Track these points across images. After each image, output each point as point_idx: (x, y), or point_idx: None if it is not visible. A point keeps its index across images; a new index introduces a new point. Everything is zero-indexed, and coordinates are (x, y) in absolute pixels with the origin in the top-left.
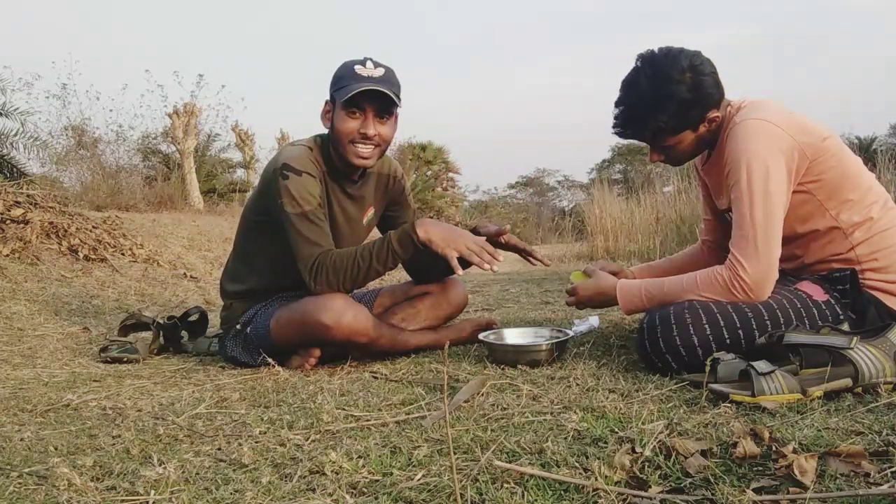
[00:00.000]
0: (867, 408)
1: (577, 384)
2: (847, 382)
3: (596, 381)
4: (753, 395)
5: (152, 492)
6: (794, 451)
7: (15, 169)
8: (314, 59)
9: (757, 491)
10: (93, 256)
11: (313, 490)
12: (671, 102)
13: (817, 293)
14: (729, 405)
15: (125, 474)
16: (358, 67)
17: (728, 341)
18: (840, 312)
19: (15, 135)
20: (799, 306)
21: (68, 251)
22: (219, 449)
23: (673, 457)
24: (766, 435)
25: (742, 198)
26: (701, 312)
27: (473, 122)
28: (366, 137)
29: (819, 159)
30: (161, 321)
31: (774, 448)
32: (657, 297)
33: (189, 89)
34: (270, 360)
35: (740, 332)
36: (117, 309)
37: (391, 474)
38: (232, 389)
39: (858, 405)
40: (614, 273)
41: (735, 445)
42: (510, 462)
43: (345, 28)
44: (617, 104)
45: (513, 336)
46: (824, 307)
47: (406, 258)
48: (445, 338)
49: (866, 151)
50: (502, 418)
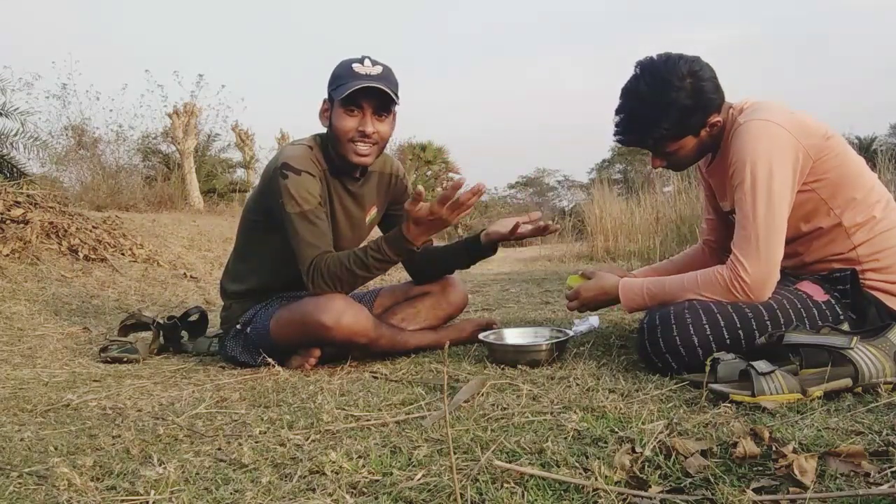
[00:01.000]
0: (867, 408)
1: (577, 384)
2: (847, 382)
3: (596, 381)
4: (753, 395)
5: (152, 492)
6: (794, 451)
7: (15, 169)
8: (314, 59)
9: (757, 491)
10: (93, 256)
11: (313, 490)
12: (672, 109)
13: (817, 293)
14: (729, 405)
15: (125, 474)
16: (356, 65)
17: (728, 341)
18: (840, 312)
19: (15, 135)
20: (799, 306)
21: (68, 251)
22: (219, 449)
23: (673, 457)
24: (766, 435)
25: (745, 198)
26: (701, 312)
27: (473, 122)
28: (364, 136)
29: (822, 159)
30: (161, 321)
31: (774, 448)
32: (658, 296)
33: (189, 89)
34: (270, 361)
35: (740, 332)
36: (117, 309)
37: (391, 474)
38: (232, 389)
39: (858, 405)
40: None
41: (735, 445)
42: (510, 462)
43: (345, 27)
44: (617, 112)
45: (513, 336)
46: (824, 307)
47: (400, 260)
48: (445, 338)
49: (866, 151)
50: (502, 418)
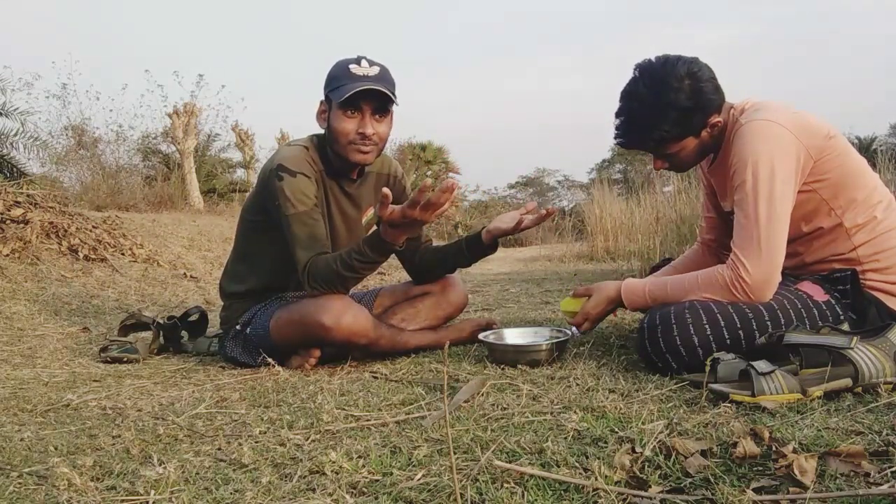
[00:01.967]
0: (867, 408)
1: (577, 384)
2: (847, 382)
3: (596, 381)
4: (753, 395)
5: (152, 492)
6: (794, 451)
7: (15, 169)
8: (314, 59)
9: (757, 491)
10: (93, 256)
11: (313, 490)
12: (672, 111)
13: (817, 293)
14: (729, 405)
15: (125, 474)
16: (353, 66)
17: (728, 341)
18: (840, 312)
19: (15, 135)
20: (799, 306)
21: (68, 251)
22: (219, 449)
23: (673, 457)
24: (766, 435)
25: (747, 199)
26: (701, 312)
27: (473, 122)
28: (364, 137)
29: (824, 158)
30: (161, 321)
31: (774, 448)
32: (660, 297)
33: (189, 89)
34: (270, 361)
35: (740, 332)
36: (117, 309)
37: (391, 474)
38: (232, 389)
39: (858, 405)
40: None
41: (735, 445)
42: (510, 462)
43: (345, 28)
44: (617, 115)
45: (513, 336)
46: (824, 307)
47: (384, 260)
48: (445, 338)
49: (866, 151)
50: (502, 418)
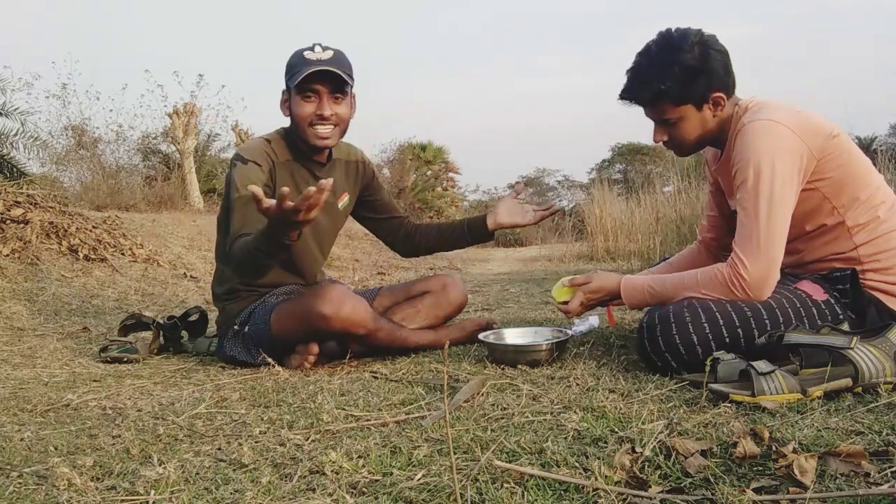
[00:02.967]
0: (867, 408)
1: (577, 384)
2: (847, 382)
3: (596, 381)
4: (753, 395)
5: (152, 492)
6: (794, 451)
7: (15, 169)
8: None
9: (757, 491)
10: (93, 256)
11: (313, 490)
12: (675, 66)
13: (817, 293)
14: (729, 405)
15: (125, 474)
16: (307, 53)
17: (727, 340)
18: (840, 312)
19: (15, 135)
20: (799, 306)
21: (68, 251)
22: (219, 449)
23: (673, 457)
24: (766, 435)
25: (748, 198)
26: (700, 311)
27: (474, 122)
28: (322, 118)
29: (827, 158)
30: (161, 321)
31: (774, 448)
32: (660, 294)
33: (189, 89)
34: (270, 360)
35: (739, 332)
36: (117, 309)
37: (391, 474)
38: (232, 389)
39: (858, 405)
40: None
41: (735, 445)
42: (510, 462)
43: (345, 28)
44: (627, 71)
45: (513, 336)
46: (824, 307)
47: (283, 254)
48: (446, 337)
49: (866, 151)
50: (502, 418)
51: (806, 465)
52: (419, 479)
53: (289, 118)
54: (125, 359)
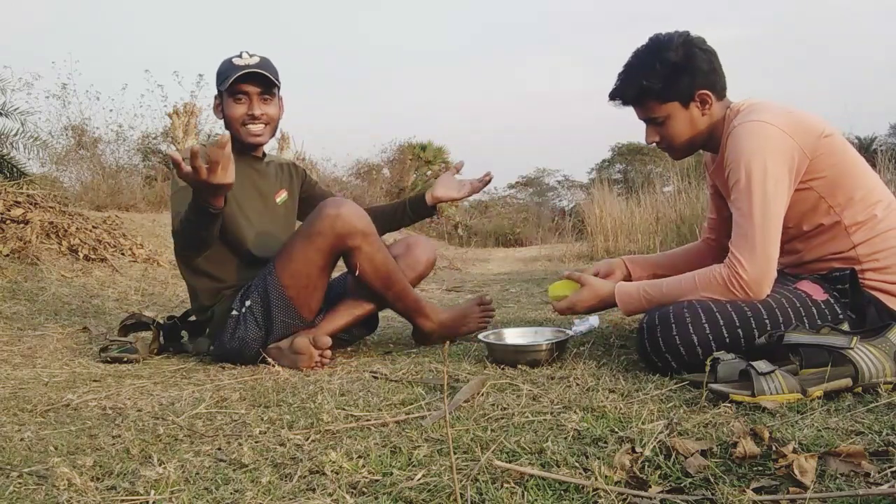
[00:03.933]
0: (867, 408)
1: (577, 384)
2: (847, 382)
3: (596, 381)
4: (753, 395)
5: (152, 492)
6: (794, 451)
7: (15, 169)
8: (314, 59)
9: (757, 491)
10: (93, 256)
11: (313, 490)
12: (658, 64)
13: (817, 293)
14: (729, 405)
15: (125, 474)
16: (235, 59)
17: (727, 340)
18: (840, 312)
19: (15, 135)
20: (798, 306)
21: (68, 251)
22: (219, 449)
23: (673, 457)
24: (766, 435)
25: (741, 198)
26: (700, 311)
27: (474, 122)
28: (253, 118)
29: (819, 157)
30: (161, 321)
31: (774, 448)
32: (656, 298)
33: (189, 89)
34: (270, 360)
35: (740, 332)
36: (117, 309)
37: (391, 474)
38: (232, 389)
39: (858, 405)
40: (608, 275)
41: (735, 445)
42: (510, 462)
43: (344, 27)
44: (618, 73)
45: (513, 336)
46: (824, 307)
47: (210, 221)
48: (449, 319)
49: (866, 151)
50: (502, 418)
51: (806, 465)
52: (419, 479)
53: (223, 121)
54: (125, 359)
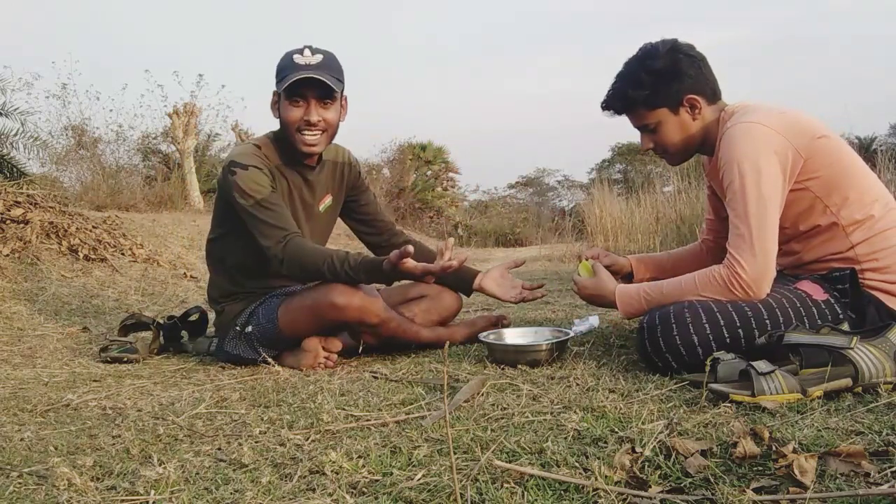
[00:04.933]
0: (867, 408)
1: (577, 384)
2: (847, 382)
3: (596, 381)
4: (753, 395)
5: (152, 492)
6: (794, 451)
7: (15, 169)
8: None
9: (757, 491)
10: (93, 256)
11: (313, 490)
12: (644, 72)
13: (817, 292)
14: (729, 405)
15: (125, 474)
16: (296, 56)
17: (728, 340)
18: (840, 312)
19: (15, 135)
20: (798, 306)
21: (68, 251)
22: (219, 449)
23: (673, 457)
24: (766, 435)
25: (736, 198)
26: (700, 311)
27: (473, 122)
28: (310, 124)
29: (813, 157)
30: (161, 321)
31: (774, 448)
32: (656, 300)
33: (189, 89)
34: (270, 360)
35: (740, 332)
36: (117, 309)
37: (391, 474)
38: (232, 389)
39: (858, 405)
40: (609, 267)
41: (735, 445)
42: (510, 462)
43: (344, 27)
44: (610, 84)
45: (513, 336)
46: (824, 307)
47: (375, 281)
48: (458, 333)
49: (866, 151)
50: (502, 418)
51: (806, 465)
52: (419, 479)
53: (278, 120)
54: (125, 359)
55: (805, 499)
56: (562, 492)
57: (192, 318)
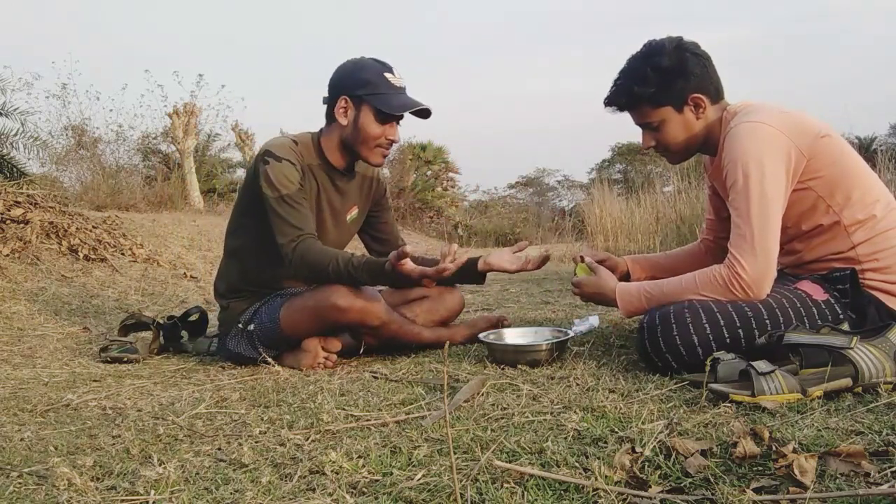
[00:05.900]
0: (867, 408)
1: (577, 384)
2: (847, 382)
3: (596, 381)
4: (753, 395)
5: (152, 492)
6: (794, 451)
7: (15, 169)
8: (314, 59)
9: (757, 491)
10: (93, 256)
11: (313, 490)
12: (649, 70)
13: (817, 293)
14: (729, 405)
15: (125, 474)
16: (388, 76)
17: (728, 340)
18: (840, 312)
19: (15, 135)
20: (799, 306)
21: (68, 251)
22: (219, 449)
23: (673, 457)
24: (766, 435)
25: (739, 198)
26: (701, 312)
27: (474, 122)
28: (392, 143)
29: (816, 157)
30: (161, 321)
31: (774, 448)
32: (656, 298)
33: (189, 89)
34: (270, 360)
35: (740, 332)
36: (117, 309)
37: (391, 474)
38: (232, 389)
39: (858, 405)
40: (603, 262)
41: (735, 445)
42: (510, 462)
43: (344, 27)
44: (613, 80)
45: (513, 336)
46: (824, 307)
47: (380, 283)
48: (458, 334)
49: (866, 151)
50: (502, 418)
51: (806, 465)
52: (419, 479)
53: (345, 127)
54: (125, 359)
55: (805, 499)
56: (562, 492)
57: (192, 318)
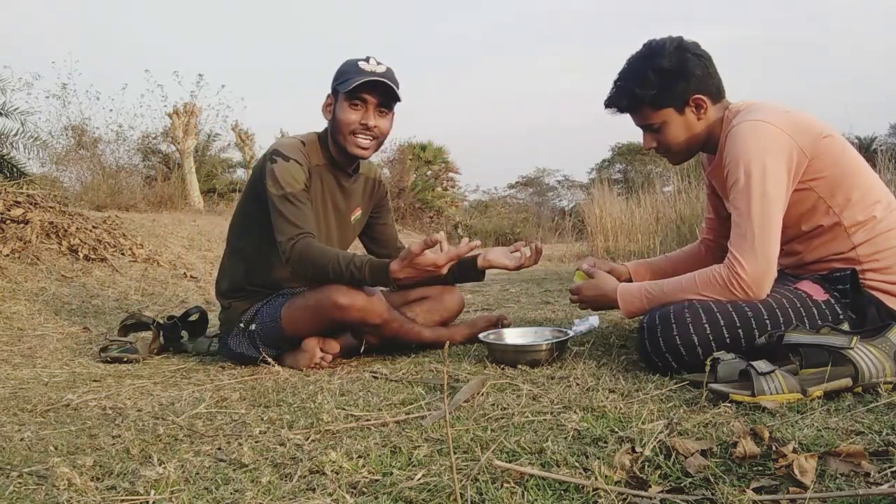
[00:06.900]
0: (867, 408)
1: (577, 384)
2: (847, 382)
3: (596, 381)
4: (753, 395)
5: (152, 492)
6: (794, 451)
7: (15, 169)
8: (314, 59)
9: (757, 491)
10: (93, 256)
11: (313, 490)
12: (650, 71)
13: (817, 293)
14: (729, 405)
15: (125, 474)
16: (361, 63)
17: (728, 340)
18: (840, 312)
19: (15, 135)
20: (799, 306)
21: (68, 251)
22: (219, 449)
23: (673, 457)
24: (766, 435)
25: (740, 198)
26: (701, 311)
27: (474, 122)
28: (366, 128)
29: (818, 157)
30: (161, 321)
31: (774, 448)
32: (657, 298)
33: (189, 89)
34: (270, 360)
35: (740, 332)
36: (117, 309)
37: (391, 474)
38: (232, 389)
39: (858, 405)
40: (608, 272)
41: (735, 445)
42: (510, 462)
43: (344, 28)
44: (613, 81)
45: (513, 336)
46: (824, 307)
47: (377, 284)
48: (458, 334)
49: (866, 151)
50: (502, 418)
51: (806, 465)
52: (419, 479)
53: (329, 121)
54: (125, 359)
55: (805, 499)
56: (562, 492)
57: (192, 318)
